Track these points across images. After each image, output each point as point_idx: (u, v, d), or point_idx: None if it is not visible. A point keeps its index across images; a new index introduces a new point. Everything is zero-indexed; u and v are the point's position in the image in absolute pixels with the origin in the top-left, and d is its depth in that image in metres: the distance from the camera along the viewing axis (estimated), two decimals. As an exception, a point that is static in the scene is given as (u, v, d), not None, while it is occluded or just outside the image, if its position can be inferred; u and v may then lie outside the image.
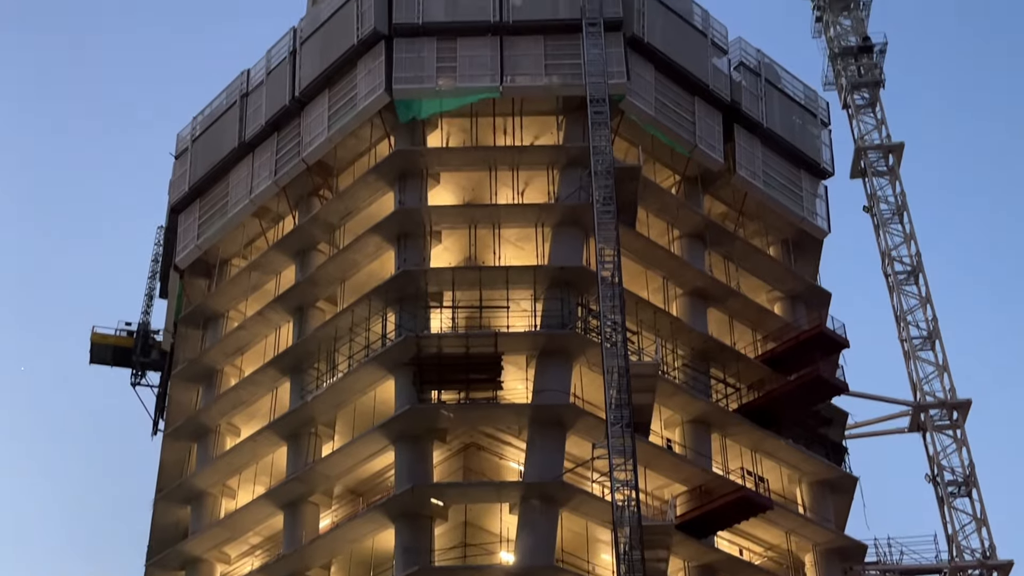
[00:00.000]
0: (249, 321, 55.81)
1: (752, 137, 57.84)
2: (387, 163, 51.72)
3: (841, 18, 71.85)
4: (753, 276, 57.41)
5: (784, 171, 58.92)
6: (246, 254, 59.34)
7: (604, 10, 52.07)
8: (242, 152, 58.66)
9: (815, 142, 61.32)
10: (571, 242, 50.36)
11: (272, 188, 56.34)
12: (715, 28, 58.26)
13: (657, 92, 54.06)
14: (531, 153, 52.40)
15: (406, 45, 52.88)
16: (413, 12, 53.36)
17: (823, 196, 60.64)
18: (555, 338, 47.81)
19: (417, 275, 49.02)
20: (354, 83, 53.63)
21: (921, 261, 63.29)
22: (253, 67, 60.13)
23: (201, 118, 62.65)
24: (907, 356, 61.00)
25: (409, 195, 51.26)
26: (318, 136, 54.47)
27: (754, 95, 58.56)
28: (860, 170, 66.70)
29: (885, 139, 67.18)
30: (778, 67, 60.97)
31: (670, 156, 55.45)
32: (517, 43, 52.87)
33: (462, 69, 52.31)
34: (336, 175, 55.50)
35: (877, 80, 68.98)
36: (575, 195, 50.05)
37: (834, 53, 70.52)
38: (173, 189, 63.31)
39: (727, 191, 57.47)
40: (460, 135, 54.19)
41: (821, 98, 63.48)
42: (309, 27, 57.37)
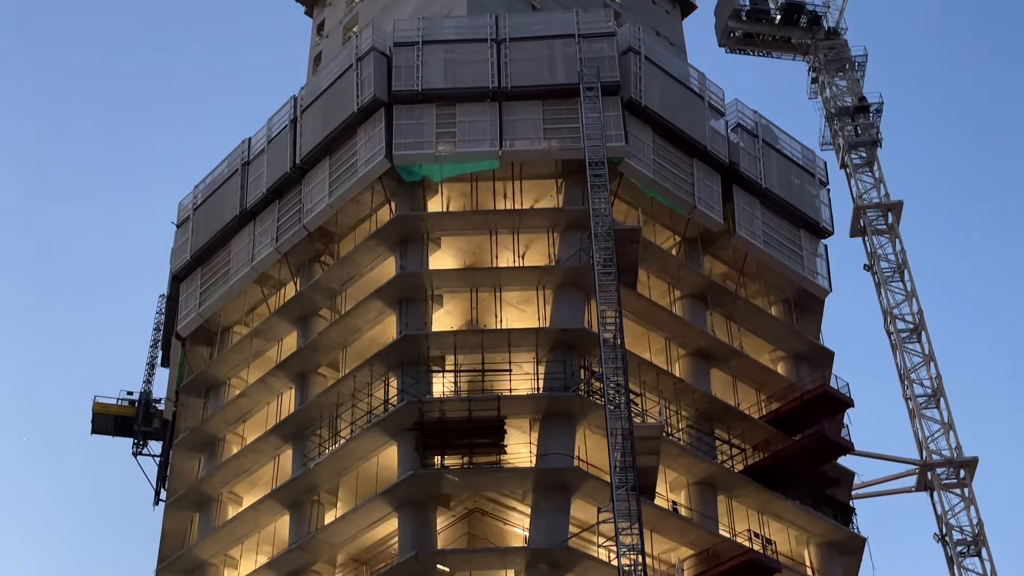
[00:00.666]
0: (251, 388, 55.65)
1: (751, 197, 58.08)
2: (388, 228, 51.91)
3: (836, 79, 72.74)
4: (755, 336, 57.31)
5: (784, 231, 59.08)
6: (248, 321, 59.32)
7: (601, 75, 52.62)
8: (243, 220, 58.91)
9: (814, 202, 61.56)
10: (573, 304, 50.36)
11: (273, 255, 56.49)
12: (712, 91, 58.79)
13: (656, 154, 54.40)
14: (531, 216, 52.61)
15: (406, 112, 53.34)
16: (412, 79, 53.91)
17: (823, 255, 60.74)
18: (558, 401, 47.62)
19: (419, 339, 48.96)
20: (354, 150, 54.02)
21: (923, 319, 63.34)
22: (254, 135, 60.64)
23: (203, 187, 63.02)
24: (912, 414, 60.81)
25: (410, 260, 51.38)
26: (319, 203, 54.75)
27: (752, 156, 58.92)
28: (860, 229, 67.02)
29: (884, 198, 67.63)
30: (775, 128, 61.43)
31: (670, 217, 55.66)
32: (516, 108, 53.35)
33: (461, 134, 52.73)
34: (337, 241, 55.68)
35: (874, 139, 69.64)
36: (576, 257, 50.16)
37: (830, 113, 71.27)
38: (175, 257, 63.48)
39: (727, 251, 57.58)
40: (460, 199, 54.47)
41: (819, 158, 63.89)
42: (310, 95, 57.92)
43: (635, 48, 55.39)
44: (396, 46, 54.89)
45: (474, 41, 55.01)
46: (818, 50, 74.28)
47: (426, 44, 54.79)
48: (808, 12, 75.83)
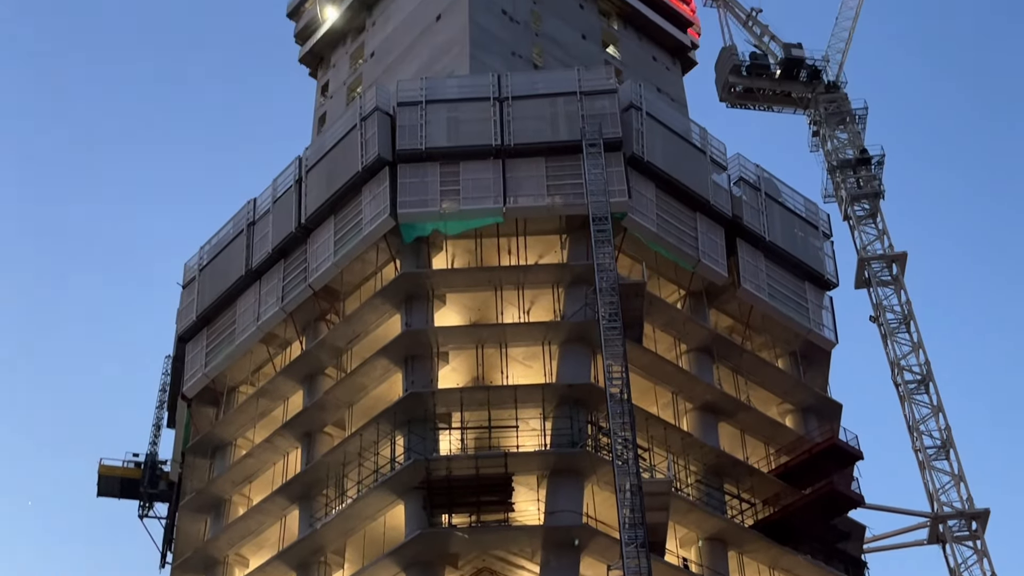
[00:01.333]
0: (257, 449, 55.44)
1: (755, 251, 58.18)
2: (393, 286, 52.01)
3: (837, 132, 73.24)
4: (763, 389, 57.12)
5: (788, 283, 59.09)
6: (253, 381, 59.25)
7: (603, 131, 52.94)
8: (249, 280, 59.06)
9: (818, 254, 61.62)
10: (579, 359, 50.29)
11: (279, 314, 56.55)
12: (714, 145, 59.13)
13: (659, 209, 54.61)
14: (536, 272, 52.71)
15: (410, 170, 53.66)
16: (416, 138, 54.31)
17: (829, 307, 60.66)
18: (566, 457, 47.38)
19: (425, 397, 48.85)
20: (359, 208, 54.30)
21: (931, 370, 63.21)
22: (259, 196, 60.99)
23: (208, 247, 63.27)
24: (922, 466, 60.44)
25: (415, 317, 51.42)
26: (324, 262, 54.91)
27: (755, 209, 59.11)
28: (864, 280, 67.09)
29: (888, 249, 67.76)
30: (778, 181, 61.68)
31: (674, 271, 55.73)
32: (519, 165, 53.66)
33: (465, 192, 53.01)
34: (343, 299, 55.77)
35: (876, 191, 69.95)
36: (581, 312, 50.18)
37: (832, 166, 71.67)
38: (180, 318, 63.56)
39: (733, 304, 57.55)
40: (465, 256, 54.62)
41: (822, 210, 64.04)
42: (314, 156, 58.33)
43: (636, 104, 55.81)
44: (400, 106, 55.37)
45: (477, 100, 55.48)
46: (818, 104, 74.85)
47: (429, 103, 55.26)
48: (808, 66, 76.55)
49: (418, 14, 71.01)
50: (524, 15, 69.19)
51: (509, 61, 64.60)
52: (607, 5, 77.40)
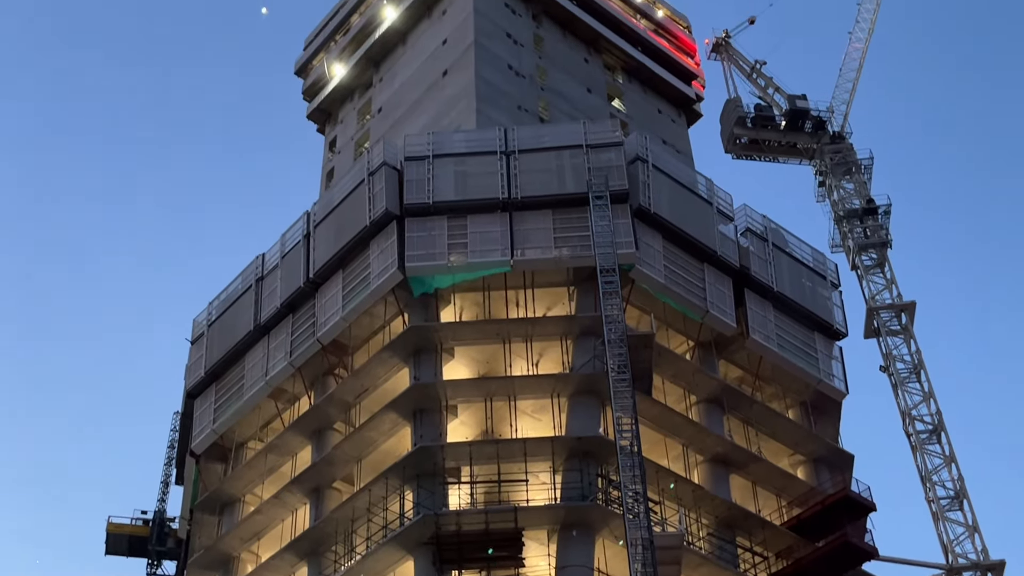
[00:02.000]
0: (265, 505, 55.11)
1: (763, 301, 58.10)
2: (401, 339, 51.97)
3: (844, 182, 73.39)
4: (774, 440, 56.76)
5: (797, 334, 58.92)
6: (262, 436, 59.05)
7: (610, 183, 53.16)
8: (257, 335, 59.08)
9: (826, 304, 61.49)
10: (588, 412, 50.08)
11: (287, 369, 56.48)
12: (720, 196, 59.28)
13: (666, 260, 54.64)
14: (544, 324, 52.66)
15: (417, 224, 53.84)
16: (424, 192, 54.54)
17: (838, 357, 60.41)
18: (576, 511, 47.02)
19: (434, 451, 48.61)
20: (367, 263, 54.41)
21: (942, 419, 62.77)
22: (268, 251, 61.19)
23: (217, 303, 63.38)
24: (936, 517, 59.82)
25: (424, 370, 51.32)
26: (332, 316, 54.93)
27: (762, 260, 59.11)
28: (874, 330, 66.84)
29: (896, 298, 67.57)
30: (785, 232, 61.76)
31: (683, 322, 55.64)
32: (526, 218, 53.81)
33: (473, 245, 53.12)
34: (351, 354, 55.72)
35: (884, 241, 69.90)
36: (589, 364, 50.04)
37: (839, 216, 71.70)
38: (189, 374, 63.52)
39: (742, 355, 57.37)
40: (473, 309, 54.62)
41: (829, 260, 64.03)
42: (322, 210, 58.59)
43: (642, 156, 56.07)
44: (407, 160, 55.69)
45: (484, 154, 55.80)
46: (824, 154, 75.08)
47: (436, 157, 55.58)
48: (812, 117, 76.89)
49: (425, 70, 71.75)
50: (530, 70, 69.83)
51: (515, 115, 65.08)
52: (612, 59, 78.11)
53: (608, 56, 77.92)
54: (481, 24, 69.47)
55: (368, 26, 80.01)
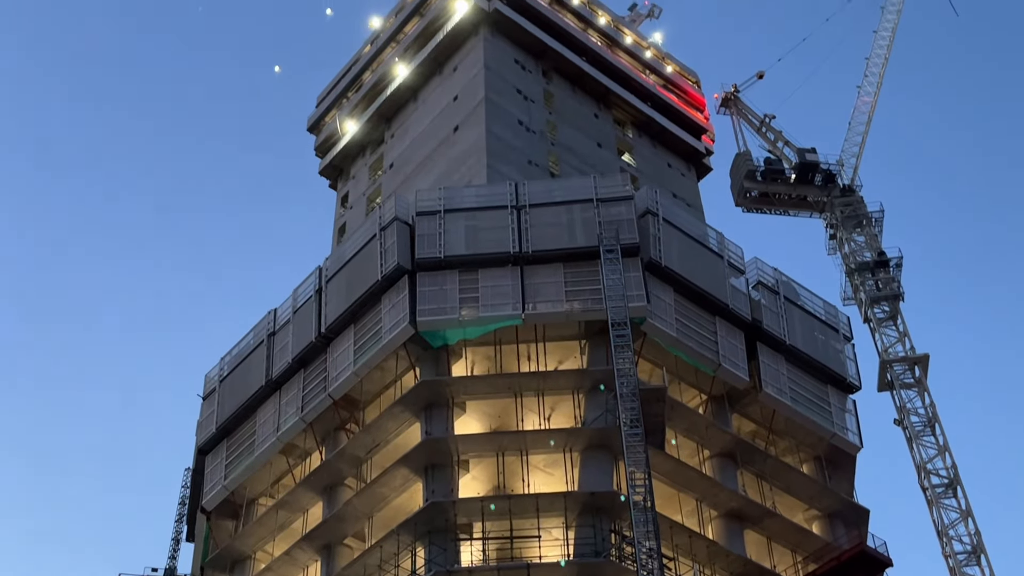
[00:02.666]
0: (276, 562, 54.69)
1: (776, 354, 57.86)
2: (413, 394, 51.83)
3: (854, 235, 73.33)
4: (788, 495, 56.25)
5: (811, 387, 58.60)
6: (273, 493, 58.74)
7: (621, 237, 53.22)
8: (269, 390, 58.99)
9: (839, 357, 61.19)
10: (600, 466, 49.74)
11: (299, 424, 56.31)
12: (731, 250, 59.29)
13: (678, 313, 54.53)
14: (556, 378, 52.49)
15: (429, 278, 53.92)
16: (435, 247, 54.67)
17: (852, 411, 60.02)
18: (589, 567, 46.52)
19: (446, 507, 48.28)
20: (379, 317, 54.42)
21: (958, 473, 62.14)
22: (280, 306, 61.27)
23: (229, 358, 63.36)
24: (953, 572, 59.05)
25: (435, 425, 51.13)
26: (344, 371, 54.85)
27: (774, 313, 58.96)
28: (887, 383, 66.41)
29: (909, 351, 67.21)
30: (796, 284, 61.66)
31: (695, 376, 55.41)
32: (537, 272, 53.85)
33: (484, 299, 53.12)
34: (362, 408, 55.56)
35: (896, 293, 69.66)
36: (602, 419, 49.80)
37: (850, 269, 71.55)
38: (200, 430, 63.35)
39: (755, 409, 57.05)
40: (485, 363, 54.50)
41: (842, 313, 63.80)
42: (334, 265, 58.73)
43: (653, 210, 56.19)
44: (419, 215, 55.90)
45: (495, 208, 55.99)
46: (834, 207, 75.13)
47: (448, 212, 55.79)
48: (822, 171, 77.05)
49: (436, 126, 72.30)
50: (540, 125, 70.30)
51: (526, 170, 65.42)
52: (622, 114, 78.62)
53: (618, 111, 78.44)
54: (492, 80, 70.12)
55: (380, 83, 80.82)
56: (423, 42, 78.10)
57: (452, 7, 76.18)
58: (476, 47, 73.27)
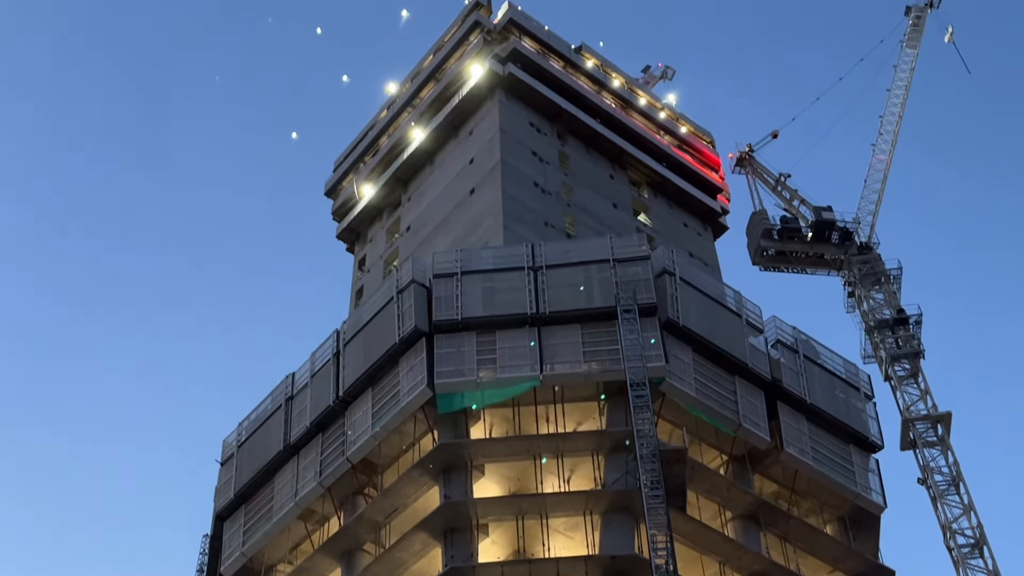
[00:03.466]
0: (294, 630, 54.12)
1: (797, 414, 57.39)
2: (431, 457, 51.53)
3: (873, 292, 73.06)
4: (812, 556, 55.47)
5: (833, 446, 58.01)
6: (291, 559, 58.27)
7: (638, 297, 53.17)
8: (287, 455, 58.77)
9: (861, 416, 60.63)
10: (621, 529, 49.21)
11: (317, 489, 55.99)
12: (749, 308, 59.08)
13: (697, 373, 54.23)
14: (575, 440, 52.14)
15: (446, 340, 53.83)
16: (452, 309, 54.67)
17: (875, 470, 59.31)
18: (612, 632, 45.86)
19: (466, 572, 47.79)
20: (396, 380, 54.31)
21: (984, 533, 61.24)
22: (298, 370, 61.26)
23: (247, 423, 63.25)
24: (983, 635, 57.96)
25: (454, 488, 50.75)
26: (362, 434, 54.63)
27: (794, 372, 58.57)
28: (910, 442, 65.76)
29: (932, 409, 66.58)
30: (815, 343, 61.31)
31: (715, 436, 54.97)
32: (555, 332, 53.74)
33: (502, 360, 52.97)
34: (381, 472, 55.25)
35: (916, 351, 69.20)
36: (622, 481, 49.36)
37: (870, 327, 71.18)
38: (219, 496, 63.05)
39: (777, 469, 56.46)
40: (503, 425, 54.23)
41: (862, 371, 63.29)
42: (352, 328, 58.77)
43: (670, 270, 56.15)
44: (436, 277, 55.98)
45: (511, 270, 56.04)
46: (852, 265, 74.95)
47: (465, 274, 55.86)
48: (839, 228, 77.01)
49: (452, 188, 72.72)
50: (556, 187, 70.61)
51: (542, 231, 65.59)
52: (637, 175, 78.94)
53: (633, 172, 78.77)
54: (507, 143, 70.61)
55: (396, 147, 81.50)
56: (439, 106, 78.85)
57: (467, 72, 76.98)
58: (491, 110, 73.90)
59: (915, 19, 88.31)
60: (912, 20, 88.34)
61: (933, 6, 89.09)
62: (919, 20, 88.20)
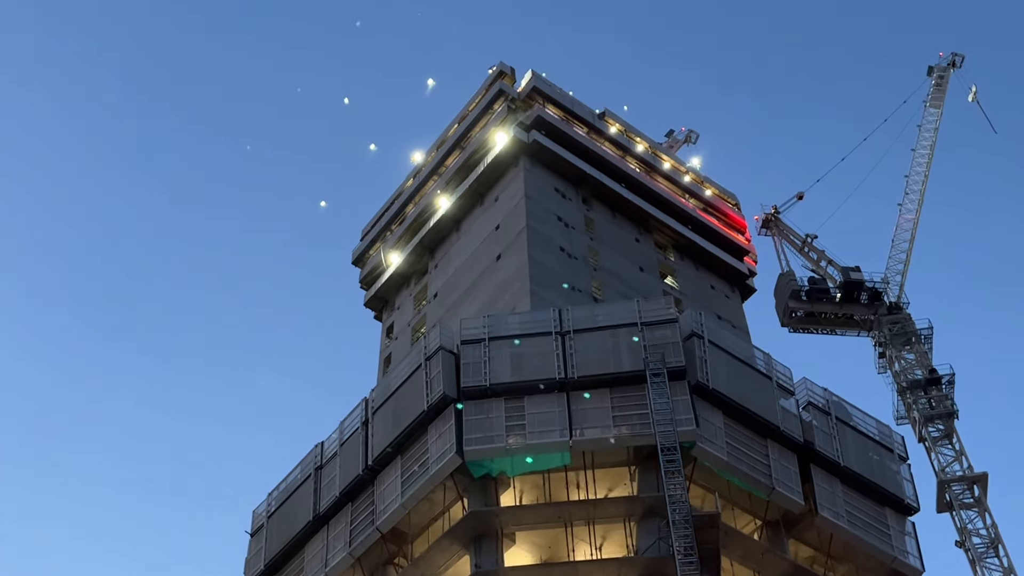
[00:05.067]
0: None
1: (831, 476, 56.65)
2: (461, 525, 51.14)
3: (904, 353, 72.54)
4: (850, 622, 54.46)
5: (868, 509, 57.16)
6: (323, 630, 57.68)
7: (667, 360, 52.93)
8: (317, 525, 58.48)
9: (895, 478, 59.79)
10: (655, 597, 48.50)
11: (347, 560, 55.59)
12: (779, 370, 58.65)
13: (728, 437, 53.71)
14: (606, 506, 51.65)
15: (475, 407, 53.66)
16: (480, 375, 54.57)
17: (912, 533, 58.37)
18: None
19: (498, 642, 47.11)
20: (425, 448, 54.08)
21: (1026, 596, 59.98)
22: (327, 439, 61.17)
23: (276, 493, 63.07)
24: None
25: (485, 557, 50.27)
26: (392, 503, 54.34)
27: (827, 434, 57.94)
28: (946, 504, 64.86)
29: (967, 470, 65.75)
30: (847, 404, 60.70)
31: (749, 500, 54.31)
32: (584, 398, 53.49)
33: (531, 426, 52.71)
34: (411, 542, 54.80)
35: (950, 411, 68.54)
36: (655, 547, 48.77)
37: (902, 387, 70.60)
38: (249, 568, 62.67)
39: (812, 533, 55.64)
40: (533, 491, 53.81)
41: (895, 432, 62.46)
42: (380, 396, 58.70)
43: (698, 333, 55.92)
44: (463, 344, 55.95)
45: (539, 335, 55.96)
46: (882, 325, 74.52)
47: (492, 340, 55.83)
48: (868, 289, 76.72)
49: (479, 255, 72.99)
50: (581, 251, 70.76)
51: (569, 296, 65.60)
52: (663, 238, 79.04)
53: (659, 235, 78.89)
54: (532, 209, 70.94)
55: (423, 215, 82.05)
56: (464, 174, 79.46)
57: (492, 140, 77.65)
58: (516, 177, 74.39)
59: (938, 79, 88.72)
60: (935, 80, 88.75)
61: (956, 66, 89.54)
62: (942, 80, 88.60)
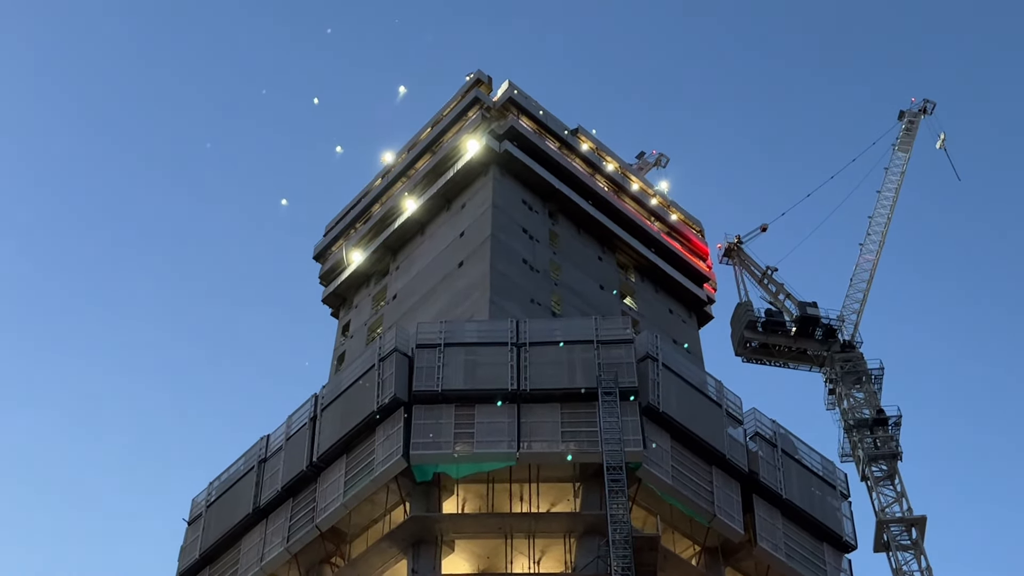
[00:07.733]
0: None
1: (772, 508, 57.01)
2: (401, 529, 50.92)
3: (854, 391, 73.20)
4: (780, 654, 54.73)
5: (806, 543, 57.56)
6: (253, 624, 57.17)
7: (619, 380, 53.04)
8: (256, 518, 58.00)
9: (836, 514, 60.27)
10: (590, 615, 48.50)
11: (283, 555, 55.17)
12: (730, 399, 58.97)
13: (674, 461, 53.92)
14: (547, 520, 51.63)
15: (425, 412, 53.52)
16: (433, 380, 54.41)
17: (847, 570, 58.85)
18: None
19: (428, 649, 46.90)
20: (372, 448, 53.84)
21: (955, 640, 60.59)
22: (273, 432, 60.68)
23: (217, 483, 62.48)
24: None
25: (423, 563, 50.07)
26: (333, 502, 54.00)
27: (772, 465, 58.31)
28: (883, 544, 65.47)
29: (907, 512, 66.38)
30: (794, 438, 61.13)
31: (689, 525, 54.50)
32: (534, 410, 53.50)
33: (479, 435, 52.63)
34: (349, 542, 54.51)
35: (894, 452, 69.22)
36: (593, 565, 48.79)
37: (849, 425, 71.24)
38: (183, 556, 62.04)
39: (749, 563, 55.93)
40: (476, 501, 53.69)
41: (839, 469, 63.00)
42: (331, 394, 58.37)
43: (653, 355, 56.11)
44: (418, 347, 55.80)
45: (495, 344, 55.92)
46: (834, 362, 75.18)
47: (448, 346, 55.71)
48: (823, 325, 77.40)
49: (441, 260, 72.86)
50: (544, 265, 70.82)
51: (528, 308, 65.62)
52: (625, 258, 79.28)
53: (622, 255, 79.12)
54: (499, 219, 70.94)
55: (388, 216, 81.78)
56: (433, 178, 79.32)
57: (464, 146, 77.60)
58: (485, 186, 74.39)
59: (908, 124, 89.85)
60: (905, 125, 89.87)
61: (927, 112, 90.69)
62: (912, 125, 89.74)
